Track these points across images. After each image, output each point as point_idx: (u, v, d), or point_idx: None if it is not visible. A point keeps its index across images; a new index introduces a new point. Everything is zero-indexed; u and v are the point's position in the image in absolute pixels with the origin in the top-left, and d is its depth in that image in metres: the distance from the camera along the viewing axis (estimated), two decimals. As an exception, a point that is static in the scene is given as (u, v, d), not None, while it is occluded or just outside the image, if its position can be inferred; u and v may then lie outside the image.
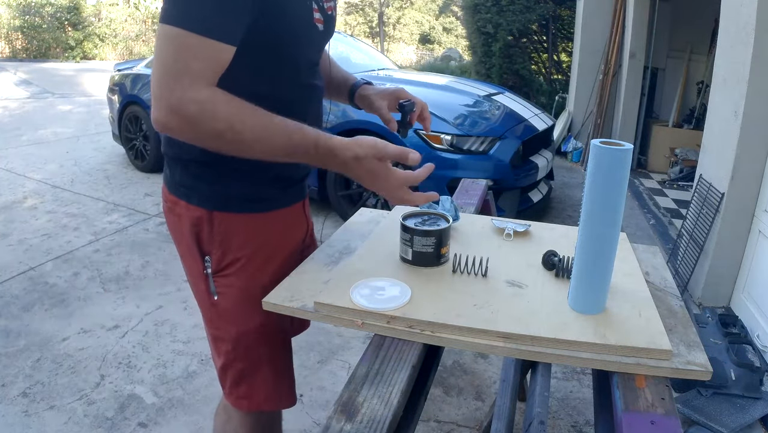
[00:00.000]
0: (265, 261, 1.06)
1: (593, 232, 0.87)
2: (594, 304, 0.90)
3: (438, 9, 25.64)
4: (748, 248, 2.54)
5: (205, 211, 1.00)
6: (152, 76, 0.81)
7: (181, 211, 1.02)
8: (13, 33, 13.62)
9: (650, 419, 0.72)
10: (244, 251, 1.03)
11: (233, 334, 1.06)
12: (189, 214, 1.01)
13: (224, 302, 1.05)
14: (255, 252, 1.04)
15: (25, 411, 1.87)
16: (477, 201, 1.56)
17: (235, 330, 1.06)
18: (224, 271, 1.03)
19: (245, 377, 1.09)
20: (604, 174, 0.83)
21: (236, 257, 1.03)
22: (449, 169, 3.24)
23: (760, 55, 2.34)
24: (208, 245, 1.02)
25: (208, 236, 1.01)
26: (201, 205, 1.00)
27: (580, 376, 2.14)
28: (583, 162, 5.51)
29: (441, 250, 1.06)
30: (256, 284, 1.05)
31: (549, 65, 7.77)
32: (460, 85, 4.30)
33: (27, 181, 4.51)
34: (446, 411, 1.93)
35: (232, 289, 1.04)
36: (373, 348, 0.85)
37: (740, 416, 1.84)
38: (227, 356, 1.08)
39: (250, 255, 1.03)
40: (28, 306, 2.56)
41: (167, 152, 1.03)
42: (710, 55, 4.65)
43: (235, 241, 1.02)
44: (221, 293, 1.04)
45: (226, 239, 1.01)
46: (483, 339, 0.85)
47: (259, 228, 1.04)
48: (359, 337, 2.35)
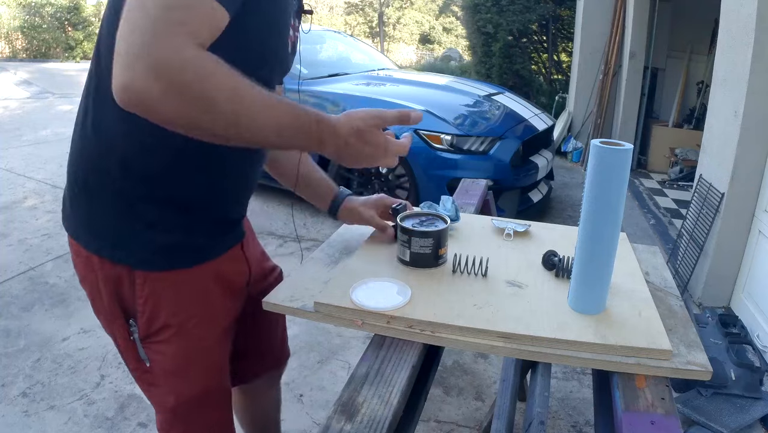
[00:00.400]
0: (203, 321, 0.91)
1: (593, 232, 0.87)
2: (594, 304, 0.90)
3: (438, 9, 25.64)
4: (748, 248, 2.54)
5: (126, 268, 0.83)
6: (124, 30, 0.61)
7: (95, 266, 0.84)
8: (13, 33, 13.62)
9: (650, 419, 0.72)
10: (176, 316, 0.87)
11: (171, 402, 0.95)
12: (104, 271, 0.84)
13: (159, 369, 0.91)
14: (190, 315, 0.89)
15: (25, 411, 1.87)
16: (477, 201, 1.56)
17: (174, 398, 0.94)
18: (154, 337, 0.88)
19: None
20: (604, 174, 0.83)
21: (167, 323, 0.87)
22: (449, 169, 3.24)
23: (760, 55, 2.34)
24: (132, 307, 0.86)
25: (131, 297, 0.85)
26: (120, 262, 0.83)
27: (580, 376, 2.14)
28: (583, 162, 5.51)
29: (439, 251, 1.06)
30: (196, 346, 0.91)
31: (549, 65, 7.77)
32: (460, 85, 4.30)
33: (27, 181, 4.51)
34: (446, 411, 1.93)
35: (165, 356, 0.90)
36: (373, 348, 0.85)
37: (740, 416, 1.84)
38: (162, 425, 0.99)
39: (184, 319, 0.88)
40: (28, 306, 2.56)
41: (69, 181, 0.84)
42: (710, 55, 4.65)
43: (164, 304, 0.86)
44: (154, 360, 0.90)
45: (153, 302, 0.85)
46: (483, 339, 0.85)
47: (193, 286, 0.88)
48: (359, 337, 2.35)
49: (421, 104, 3.44)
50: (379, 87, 3.90)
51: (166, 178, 0.81)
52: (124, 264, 0.83)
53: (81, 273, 0.89)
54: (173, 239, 0.84)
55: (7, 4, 13.66)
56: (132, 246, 0.82)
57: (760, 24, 2.32)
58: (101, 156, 0.80)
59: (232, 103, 0.65)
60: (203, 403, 0.98)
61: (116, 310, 0.87)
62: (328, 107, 3.56)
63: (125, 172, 0.79)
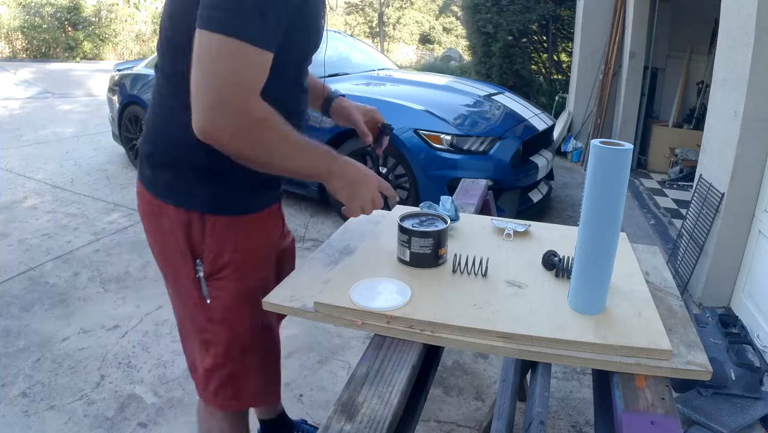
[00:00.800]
0: (256, 261, 1.07)
1: (593, 232, 0.87)
2: (594, 304, 0.90)
3: (438, 9, 25.64)
4: (748, 248, 2.54)
5: (197, 214, 0.99)
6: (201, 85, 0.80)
7: (169, 214, 1.00)
8: (13, 33, 13.62)
9: (650, 419, 0.72)
10: (237, 252, 1.03)
11: (226, 337, 1.06)
12: (178, 217, 1.00)
13: (217, 305, 1.04)
14: (247, 253, 1.05)
15: (25, 411, 1.87)
16: (477, 201, 1.56)
17: (228, 333, 1.06)
18: (218, 274, 1.03)
19: (234, 379, 1.09)
20: (604, 174, 0.83)
21: (230, 259, 1.03)
22: (449, 169, 3.24)
23: (760, 55, 2.34)
24: (200, 248, 1.01)
25: (200, 238, 1.00)
26: (193, 209, 0.99)
27: (580, 376, 2.14)
28: (583, 162, 5.51)
29: (439, 251, 1.06)
30: (248, 285, 1.05)
31: (549, 65, 7.77)
32: (460, 85, 4.30)
33: (27, 181, 4.51)
34: (446, 411, 1.93)
35: (225, 292, 1.04)
36: (373, 348, 0.85)
37: (740, 416, 1.84)
38: (216, 359, 1.07)
39: (242, 256, 1.04)
40: (28, 306, 2.56)
41: (154, 154, 1.01)
42: (710, 55, 4.65)
43: (229, 243, 1.02)
44: (214, 297, 1.04)
45: (220, 241, 1.01)
46: (483, 339, 0.85)
47: (250, 229, 1.05)
48: (359, 337, 2.35)
49: (421, 104, 3.44)
50: (379, 87, 3.90)
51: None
52: (197, 210, 0.99)
53: (154, 227, 1.05)
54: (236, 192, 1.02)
55: (7, 4, 13.66)
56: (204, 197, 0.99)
57: (760, 24, 2.32)
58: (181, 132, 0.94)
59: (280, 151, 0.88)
60: (256, 336, 1.10)
61: (186, 251, 1.01)
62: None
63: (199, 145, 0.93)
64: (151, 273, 2.94)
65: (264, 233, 1.10)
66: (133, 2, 15.98)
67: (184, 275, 1.04)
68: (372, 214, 1.39)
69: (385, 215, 1.38)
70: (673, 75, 5.59)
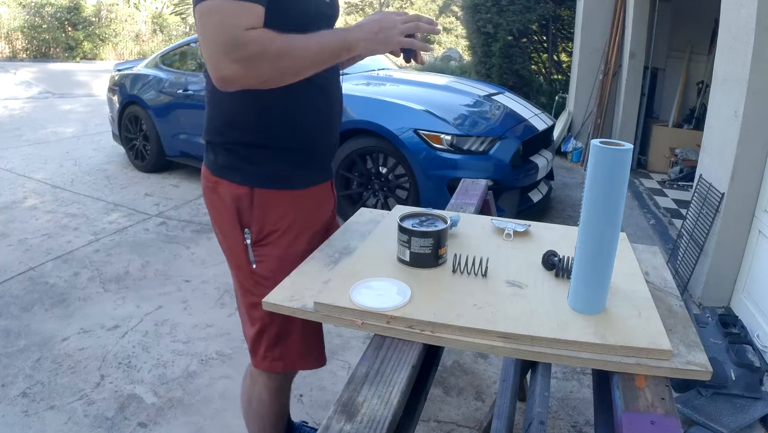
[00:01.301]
0: (299, 232, 1.19)
1: (593, 232, 0.87)
2: (594, 304, 0.90)
3: (438, 9, 25.62)
4: (748, 248, 2.54)
5: (247, 188, 1.13)
6: (204, 48, 0.92)
7: (224, 190, 1.15)
8: (13, 33, 13.62)
9: (650, 419, 0.72)
10: (280, 223, 1.16)
11: None
12: (231, 191, 1.14)
13: (262, 270, 1.17)
14: (290, 224, 1.17)
15: (25, 411, 1.87)
16: (477, 201, 1.56)
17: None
18: (262, 241, 1.16)
19: (280, 339, 1.20)
20: (604, 174, 0.83)
21: (274, 229, 1.15)
22: (449, 169, 3.24)
23: (760, 55, 2.34)
24: (248, 218, 1.14)
25: (248, 210, 1.14)
26: (243, 183, 1.13)
27: (580, 376, 2.14)
28: (583, 162, 5.51)
29: (439, 251, 1.06)
30: (290, 253, 1.17)
31: (549, 65, 7.77)
32: (460, 85, 4.30)
33: (27, 181, 4.51)
34: (446, 411, 1.93)
35: (269, 258, 1.16)
36: (373, 348, 0.85)
37: (740, 416, 1.83)
38: (263, 321, 1.18)
39: (286, 227, 1.16)
40: (28, 306, 2.56)
41: (212, 140, 1.16)
42: (710, 55, 4.65)
43: (273, 214, 1.15)
44: (259, 262, 1.16)
45: (265, 212, 1.14)
46: (483, 339, 0.85)
47: (294, 203, 1.17)
48: (359, 337, 2.35)
49: (421, 104, 3.44)
50: (379, 87, 3.90)
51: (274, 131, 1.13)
52: (246, 185, 1.13)
53: (211, 202, 1.19)
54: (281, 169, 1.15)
55: (7, 4, 13.66)
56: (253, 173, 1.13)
57: (760, 24, 2.32)
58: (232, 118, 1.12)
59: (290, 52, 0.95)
60: None
61: (235, 221, 1.15)
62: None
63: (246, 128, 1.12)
64: (150, 273, 2.94)
65: (308, 207, 1.20)
66: (133, 2, 15.99)
67: (235, 243, 1.17)
68: (372, 214, 1.40)
69: (385, 215, 1.38)
70: (673, 75, 5.59)
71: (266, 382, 1.29)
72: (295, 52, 0.95)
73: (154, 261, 3.09)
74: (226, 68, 0.91)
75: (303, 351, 1.23)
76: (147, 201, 4.15)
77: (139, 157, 4.94)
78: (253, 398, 1.33)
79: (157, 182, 4.62)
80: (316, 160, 1.21)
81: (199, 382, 2.04)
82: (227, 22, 0.90)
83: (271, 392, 1.30)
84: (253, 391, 1.32)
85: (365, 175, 3.57)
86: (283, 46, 0.94)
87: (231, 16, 0.90)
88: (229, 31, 0.90)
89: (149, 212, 3.91)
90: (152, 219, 3.78)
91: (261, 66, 0.93)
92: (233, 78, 0.92)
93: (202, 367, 2.14)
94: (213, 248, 3.29)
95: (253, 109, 1.11)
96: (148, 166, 4.88)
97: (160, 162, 4.81)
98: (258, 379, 1.29)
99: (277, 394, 1.32)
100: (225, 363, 2.16)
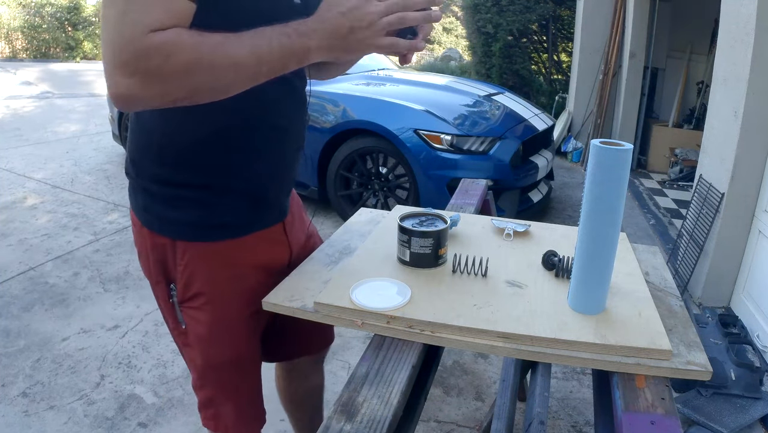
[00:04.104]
0: (235, 293, 0.98)
1: (593, 232, 0.87)
2: (594, 304, 0.90)
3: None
4: (748, 248, 2.54)
5: (168, 239, 0.94)
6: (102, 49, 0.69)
7: (146, 236, 0.96)
8: (13, 33, 13.62)
9: (650, 419, 0.72)
10: (210, 284, 0.96)
11: (200, 364, 1.03)
12: (152, 241, 0.95)
13: (192, 332, 1.00)
14: (224, 284, 0.97)
15: (25, 411, 1.87)
16: (477, 201, 1.56)
17: (203, 361, 1.03)
18: (189, 303, 0.98)
19: (212, 402, 1.07)
20: (604, 174, 0.83)
21: (201, 290, 0.96)
22: (449, 170, 3.24)
23: (760, 55, 2.34)
24: (173, 273, 0.96)
25: (173, 264, 0.95)
26: (163, 234, 0.94)
27: (580, 376, 2.14)
28: (583, 162, 5.50)
29: (439, 251, 1.06)
30: (226, 317, 0.99)
31: (549, 65, 7.77)
32: (460, 85, 4.30)
33: (27, 181, 4.51)
34: (446, 411, 1.93)
35: (199, 322, 0.98)
36: (373, 348, 0.85)
37: (740, 416, 1.83)
38: (195, 382, 1.07)
39: (217, 288, 0.97)
40: (28, 306, 2.56)
41: (129, 172, 0.96)
42: (710, 55, 4.65)
43: (200, 272, 0.95)
44: (188, 324, 1.00)
45: (191, 270, 0.95)
46: (483, 339, 0.85)
47: (227, 258, 0.96)
48: (359, 337, 2.35)
49: (421, 104, 3.44)
50: (379, 87, 3.90)
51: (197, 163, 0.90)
52: (166, 236, 0.93)
53: (137, 245, 1.01)
54: (208, 216, 0.93)
55: (7, 4, 13.66)
56: (172, 220, 0.92)
57: (760, 24, 2.32)
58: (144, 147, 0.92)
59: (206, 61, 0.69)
60: (230, 368, 1.04)
61: (160, 275, 0.97)
62: (328, 107, 3.56)
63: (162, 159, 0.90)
64: (151, 273, 2.94)
65: (251, 263, 0.99)
66: (133, 2, 15.95)
67: (162, 298, 1.01)
68: (372, 214, 1.39)
69: (385, 215, 1.38)
70: (673, 75, 5.59)
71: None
72: (216, 65, 0.70)
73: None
74: (120, 83, 0.67)
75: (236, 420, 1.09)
76: (147, 201, 4.15)
77: (139, 157, 4.94)
78: None
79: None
80: (260, 200, 0.97)
81: (199, 382, 2.04)
82: (127, 20, 0.66)
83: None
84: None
85: (365, 175, 3.57)
86: (196, 56, 0.68)
87: (134, 11, 0.67)
88: (125, 33, 0.66)
89: (149, 212, 3.91)
90: (152, 219, 3.77)
91: (166, 82, 0.68)
92: (129, 96, 0.68)
93: (202, 367, 2.14)
94: (213, 248, 3.29)
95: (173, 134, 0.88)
96: (148, 166, 4.87)
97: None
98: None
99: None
100: (225, 363, 2.16)
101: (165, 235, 0.94)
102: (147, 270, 1.00)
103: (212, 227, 0.94)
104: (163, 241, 0.94)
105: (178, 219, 0.92)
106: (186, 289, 0.96)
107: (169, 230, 0.93)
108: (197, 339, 1.00)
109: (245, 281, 0.99)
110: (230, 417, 1.07)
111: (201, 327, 0.99)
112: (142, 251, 0.99)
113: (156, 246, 0.95)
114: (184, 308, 0.98)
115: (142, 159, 0.92)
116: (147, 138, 0.91)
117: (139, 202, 0.96)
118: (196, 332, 0.99)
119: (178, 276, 0.96)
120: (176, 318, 1.00)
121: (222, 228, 0.94)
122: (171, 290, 0.98)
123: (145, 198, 0.94)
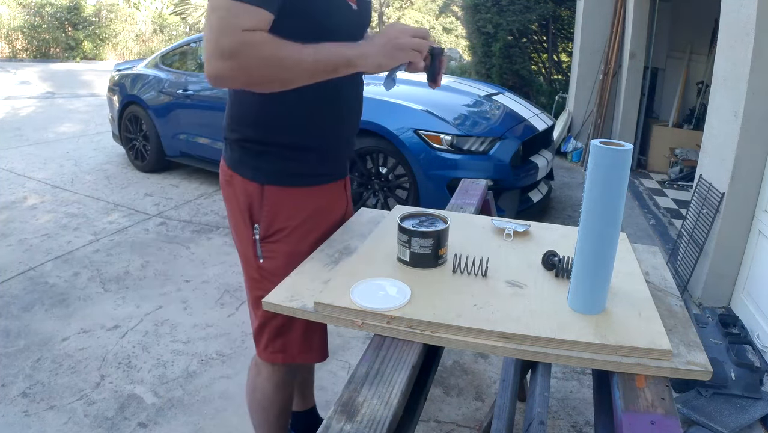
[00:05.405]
0: (307, 231, 1.21)
1: (593, 232, 0.87)
2: (594, 304, 0.90)
3: (438, 9, 25.61)
4: (748, 248, 2.54)
5: (257, 185, 1.16)
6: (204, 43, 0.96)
7: (237, 184, 1.18)
8: (13, 33, 13.62)
9: (650, 419, 0.72)
10: (289, 221, 1.18)
11: None
12: (243, 187, 1.17)
13: (268, 265, 1.20)
14: (299, 222, 1.19)
15: (25, 411, 1.87)
16: (477, 201, 1.56)
17: None
18: (271, 238, 1.19)
19: (282, 332, 1.22)
20: (604, 174, 0.83)
21: (282, 226, 1.18)
22: (449, 170, 3.24)
23: (760, 55, 2.34)
24: (258, 214, 1.18)
25: (258, 206, 1.17)
26: (254, 180, 1.16)
27: (580, 376, 2.14)
28: (583, 162, 5.51)
29: (439, 251, 1.06)
30: (298, 251, 1.18)
31: (549, 65, 7.77)
32: (460, 85, 4.30)
33: (27, 181, 4.51)
34: (446, 411, 1.93)
35: (276, 254, 1.19)
36: (373, 348, 0.85)
37: (740, 416, 1.83)
38: (265, 314, 1.19)
39: (294, 225, 1.19)
40: (28, 306, 2.56)
41: (229, 136, 1.20)
42: (710, 55, 4.65)
43: (282, 212, 1.18)
44: (267, 257, 1.20)
45: (274, 210, 1.17)
46: (483, 339, 0.85)
47: (304, 201, 1.20)
48: (359, 337, 2.35)
49: (421, 104, 3.44)
50: (379, 87, 3.90)
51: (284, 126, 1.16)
52: (257, 182, 1.17)
53: (225, 195, 1.24)
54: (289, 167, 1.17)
55: (7, 4, 13.66)
56: (263, 170, 1.16)
57: (760, 24, 2.32)
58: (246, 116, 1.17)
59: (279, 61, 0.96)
60: None
61: (246, 216, 1.19)
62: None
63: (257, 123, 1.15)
64: (150, 273, 2.94)
65: (317, 206, 1.23)
66: (133, 2, 16.00)
67: (245, 237, 1.21)
68: (372, 214, 1.40)
69: (385, 215, 1.38)
70: (673, 75, 5.59)
71: (270, 373, 1.31)
72: (284, 63, 0.97)
73: (154, 261, 3.09)
74: (215, 66, 0.94)
75: (304, 346, 1.25)
76: (147, 201, 4.15)
77: (139, 157, 4.94)
78: (257, 389, 1.35)
79: (157, 182, 4.62)
80: (328, 159, 1.23)
81: (198, 382, 2.04)
82: (226, 23, 0.93)
83: (274, 384, 1.32)
84: (257, 381, 1.34)
85: (365, 175, 3.57)
86: (272, 54, 0.96)
87: (232, 16, 0.93)
88: (224, 31, 0.93)
89: (149, 212, 3.91)
90: (152, 219, 3.78)
91: (248, 70, 0.96)
92: (221, 77, 0.96)
93: (202, 367, 2.14)
94: (213, 248, 3.29)
95: (267, 107, 1.14)
96: (148, 166, 4.88)
97: (160, 162, 4.81)
98: (262, 369, 1.32)
99: (279, 387, 1.33)
100: (225, 363, 2.16)
101: (256, 181, 1.16)
102: (234, 215, 1.22)
103: (292, 176, 1.18)
104: (253, 187, 1.17)
105: (267, 169, 1.16)
106: (269, 227, 1.18)
107: (259, 177, 1.16)
108: (271, 272, 1.19)
109: (315, 222, 1.23)
110: (299, 344, 1.23)
111: (278, 259, 1.19)
112: (232, 197, 1.21)
113: (246, 192, 1.17)
114: (264, 244, 1.19)
115: (240, 123, 1.17)
116: (247, 108, 1.15)
117: (235, 156, 1.19)
118: (274, 262, 1.19)
119: (263, 216, 1.18)
120: (256, 254, 1.20)
121: (300, 176, 1.19)
122: (254, 230, 1.19)
123: (242, 153, 1.18)
